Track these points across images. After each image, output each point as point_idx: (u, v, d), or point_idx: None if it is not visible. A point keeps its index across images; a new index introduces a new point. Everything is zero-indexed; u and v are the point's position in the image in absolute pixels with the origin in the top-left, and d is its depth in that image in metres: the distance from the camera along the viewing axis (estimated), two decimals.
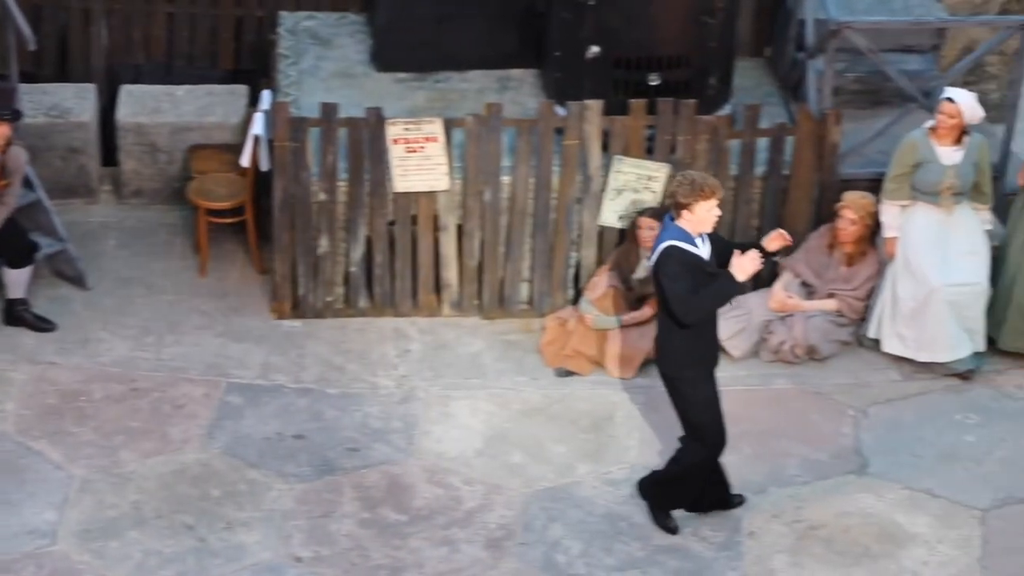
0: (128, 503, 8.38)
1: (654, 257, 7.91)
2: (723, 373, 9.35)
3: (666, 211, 9.45)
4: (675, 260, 7.78)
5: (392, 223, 9.63)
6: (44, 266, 9.84)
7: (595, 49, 9.64)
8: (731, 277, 7.76)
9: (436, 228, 9.66)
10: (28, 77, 10.63)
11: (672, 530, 8.31)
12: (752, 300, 9.60)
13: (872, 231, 9.54)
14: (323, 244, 9.63)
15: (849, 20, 9.57)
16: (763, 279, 9.78)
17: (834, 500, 8.58)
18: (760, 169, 9.69)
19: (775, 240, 8.02)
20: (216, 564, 8.09)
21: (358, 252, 9.65)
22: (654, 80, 9.66)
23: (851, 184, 9.65)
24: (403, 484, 8.61)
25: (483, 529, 8.37)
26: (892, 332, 9.41)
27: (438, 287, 9.79)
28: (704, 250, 7.92)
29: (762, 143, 9.63)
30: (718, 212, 7.85)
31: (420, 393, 9.21)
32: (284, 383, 9.23)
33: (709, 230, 7.92)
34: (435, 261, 9.73)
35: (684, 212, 7.82)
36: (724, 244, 8.06)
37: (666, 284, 7.81)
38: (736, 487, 8.62)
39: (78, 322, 9.57)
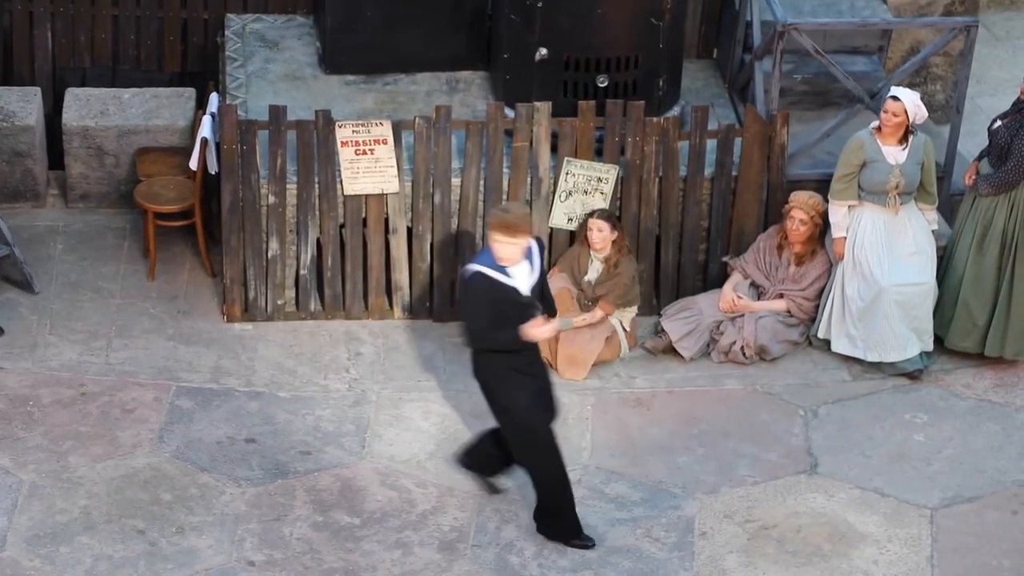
0: (78, 508, 8.32)
1: (537, 263, 8.01)
2: (674, 374, 9.46)
3: (614, 214, 9.54)
4: (473, 287, 7.89)
5: (342, 226, 9.61)
6: None
7: (543, 51, 9.65)
8: (520, 331, 7.87)
9: (386, 231, 9.65)
10: None
11: (588, 543, 8.28)
12: (702, 301, 9.65)
13: (821, 231, 9.61)
14: (273, 247, 9.60)
15: (795, 21, 9.63)
16: (713, 280, 9.84)
17: (785, 500, 8.63)
18: (709, 170, 9.74)
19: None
20: (168, 569, 8.04)
21: (308, 255, 9.63)
22: (603, 82, 9.69)
23: (799, 185, 9.71)
24: (356, 487, 8.59)
25: (436, 531, 8.36)
26: (841, 332, 9.48)
27: (389, 290, 9.77)
28: (520, 279, 7.93)
29: (711, 144, 9.68)
30: (513, 250, 7.81)
31: (372, 396, 9.19)
32: (235, 386, 9.19)
33: (515, 264, 7.89)
34: (386, 264, 9.71)
35: (493, 242, 7.87)
36: (543, 282, 8.11)
37: (462, 308, 8.04)
38: (689, 487, 8.66)
39: (26, 327, 9.50)
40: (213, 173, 9.85)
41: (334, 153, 9.45)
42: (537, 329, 7.94)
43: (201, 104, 10.36)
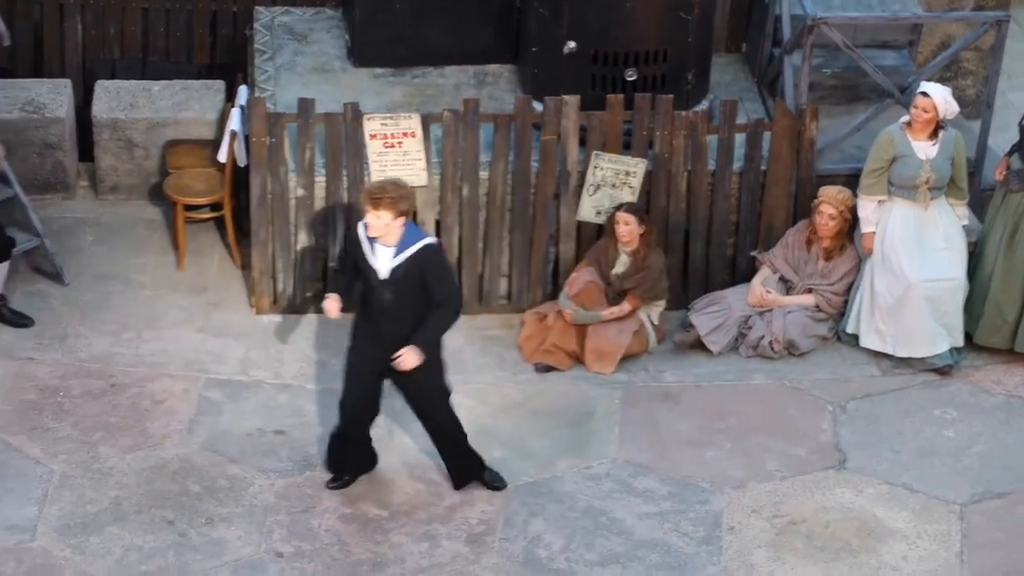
0: (108, 498, 8.35)
1: (412, 252, 7.95)
2: (702, 368, 9.45)
3: (642, 208, 9.53)
4: (347, 241, 8.00)
5: None
6: (21, 262, 9.80)
7: (572, 44, 9.65)
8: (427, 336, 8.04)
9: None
10: (3, 73, 10.59)
11: (500, 483, 8.43)
12: (730, 295, 9.64)
13: (850, 226, 9.59)
14: (302, 239, 9.61)
15: (825, 16, 9.61)
16: (742, 274, 9.83)
17: (814, 495, 8.61)
18: (737, 165, 9.72)
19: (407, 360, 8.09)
20: (197, 559, 8.06)
21: (337, 248, 9.64)
22: (631, 75, 9.68)
23: (828, 179, 9.69)
24: (383, 479, 8.60)
25: (464, 524, 8.37)
26: (870, 327, 9.46)
27: None
28: (381, 258, 7.95)
29: (739, 138, 9.66)
30: (376, 223, 7.85)
31: None
32: (264, 378, 9.21)
33: (382, 239, 7.92)
34: None
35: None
36: (429, 282, 8.03)
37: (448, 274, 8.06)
38: (717, 482, 8.66)
39: (56, 318, 9.53)
40: (242, 165, 9.87)
41: (362, 146, 9.46)
42: (326, 303, 8.10)
43: (230, 97, 10.39)
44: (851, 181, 9.58)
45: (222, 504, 8.38)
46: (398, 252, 7.96)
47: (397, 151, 9.48)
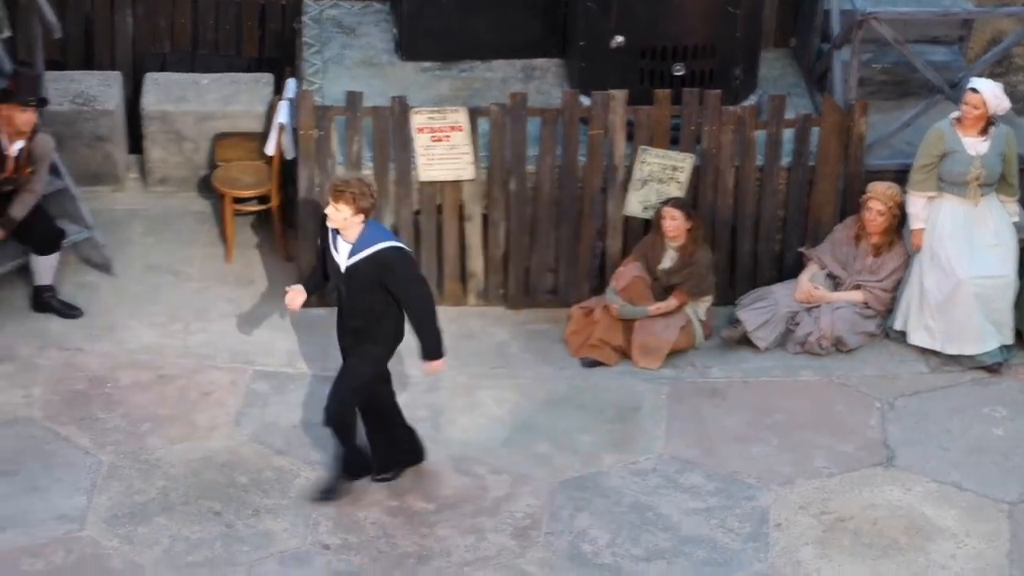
0: (156, 489, 8.40)
1: (369, 253, 7.96)
2: (749, 364, 9.42)
3: (689, 203, 9.51)
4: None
5: (417, 212, 9.63)
6: (71, 253, 9.87)
7: (620, 39, 9.64)
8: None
9: (461, 217, 9.67)
10: (54, 65, 10.64)
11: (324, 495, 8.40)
12: (778, 291, 9.60)
13: (899, 222, 9.54)
14: None
15: (875, 11, 9.56)
16: (789, 270, 9.79)
17: (861, 492, 8.57)
18: (786, 160, 9.68)
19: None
20: (244, 551, 8.10)
21: None
22: (679, 70, 9.66)
23: (877, 175, 9.64)
24: (430, 472, 8.61)
25: (510, 518, 8.37)
26: (919, 324, 9.41)
27: (463, 276, 9.79)
28: (341, 251, 8.01)
29: (788, 134, 9.62)
30: (335, 215, 7.90)
31: (446, 382, 9.21)
32: (311, 371, 9.23)
33: (336, 227, 7.97)
34: (461, 251, 9.73)
35: None
36: (394, 289, 8.04)
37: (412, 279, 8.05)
38: (764, 478, 8.63)
39: (105, 309, 9.59)
40: (290, 158, 9.90)
41: (410, 139, 9.47)
42: (288, 296, 8.17)
43: (278, 90, 10.42)
44: (900, 177, 9.53)
45: (268, 496, 8.41)
46: (355, 251, 8.01)
47: (444, 145, 9.49)
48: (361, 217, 7.95)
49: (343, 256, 8.04)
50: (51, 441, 8.63)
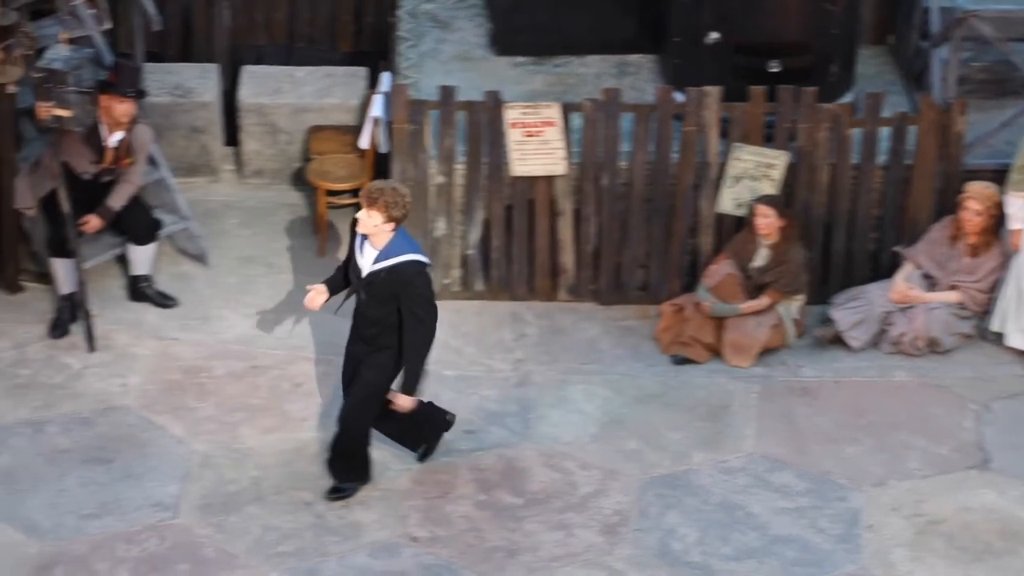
0: (248, 478, 8.48)
1: (393, 263, 7.92)
2: (842, 364, 9.35)
3: (782, 201, 9.45)
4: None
5: (509, 207, 9.65)
6: (167, 243, 9.98)
7: (715, 35, 9.59)
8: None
9: (553, 213, 9.67)
10: (153, 57, 10.77)
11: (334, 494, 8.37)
12: (872, 291, 9.52)
13: (997, 222, 9.42)
14: (440, 227, 9.66)
15: (976, 8, 9.45)
16: (884, 269, 9.70)
17: (955, 495, 8.48)
18: (882, 159, 9.60)
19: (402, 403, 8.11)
20: (334, 541, 8.15)
21: (475, 235, 9.68)
22: (775, 67, 9.60)
23: (976, 175, 9.53)
24: (519, 467, 8.63)
25: (598, 514, 8.37)
26: (1017, 327, 9.28)
27: (554, 272, 9.79)
28: (366, 256, 7.97)
29: (884, 132, 9.53)
30: (366, 221, 7.86)
31: (536, 377, 9.22)
32: None
33: (365, 233, 7.93)
34: (552, 246, 9.73)
35: None
36: (403, 301, 7.97)
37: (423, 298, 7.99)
38: (856, 479, 8.56)
39: (200, 299, 9.69)
40: (383, 152, 9.95)
41: (503, 134, 9.48)
42: (309, 295, 8.15)
43: (373, 83, 10.47)
44: (999, 177, 9.41)
45: (358, 487, 8.45)
46: (379, 258, 7.97)
47: (537, 140, 9.49)
48: (392, 226, 7.91)
49: (367, 262, 8.01)
50: (146, 430, 8.74)
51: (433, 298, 8.07)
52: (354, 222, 8.01)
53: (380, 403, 8.23)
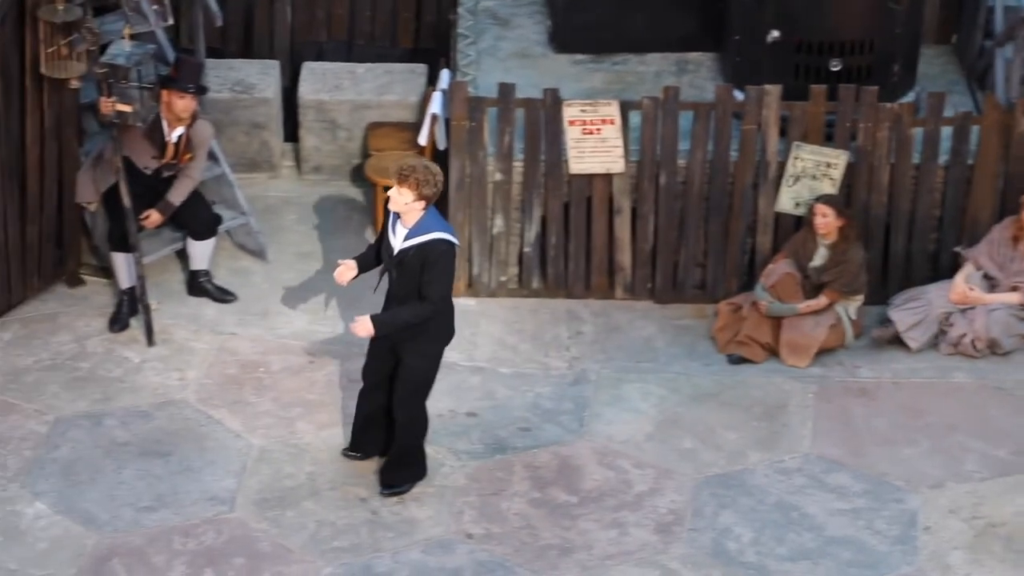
0: (304, 474, 8.52)
1: (422, 241, 7.90)
2: (900, 365, 9.28)
3: (841, 200, 9.39)
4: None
5: (567, 205, 9.64)
6: (226, 239, 10.05)
7: (776, 33, 9.55)
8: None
9: (611, 211, 9.66)
10: (214, 53, 10.84)
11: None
12: (932, 291, 9.45)
13: None
14: (498, 224, 9.67)
15: None
16: (944, 270, 9.63)
17: (1014, 498, 8.40)
18: (943, 158, 9.52)
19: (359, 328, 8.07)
20: (388, 537, 8.18)
21: (533, 233, 9.68)
22: (836, 65, 9.54)
23: None
24: (573, 465, 8.62)
25: (653, 513, 8.35)
26: None
27: (611, 270, 9.78)
28: (397, 235, 7.96)
29: (946, 132, 9.46)
30: (397, 199, 7.85)
31: (592, 375, 9.22)
32: (457, 361, 9.28)
33: (397, 211, 7.91)
34: (609, 244, 9.72)
35: None
36: (423, 275, 7.93)
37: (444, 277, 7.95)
38: (913, 480, 8.50)
39: (258, 294, 9.75)
40: (442, 149, 9.97)
41: (561, 132, 9.48)
42: (338, 269, 8.15)
43: (432, 80, 10.49)
44: None
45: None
46: (409, 235, 7.95)
47: (595, 138, 9.48)
48: (422, 204, 7.90)
49: (398, 240, 8.00)
50: (204, 424, 8.80)
51: (451, 284, 8.03)
52: (386, 200, 8.03)
53: (429, 391, 8.23)
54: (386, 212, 8.10)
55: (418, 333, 8.07)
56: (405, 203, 7.89)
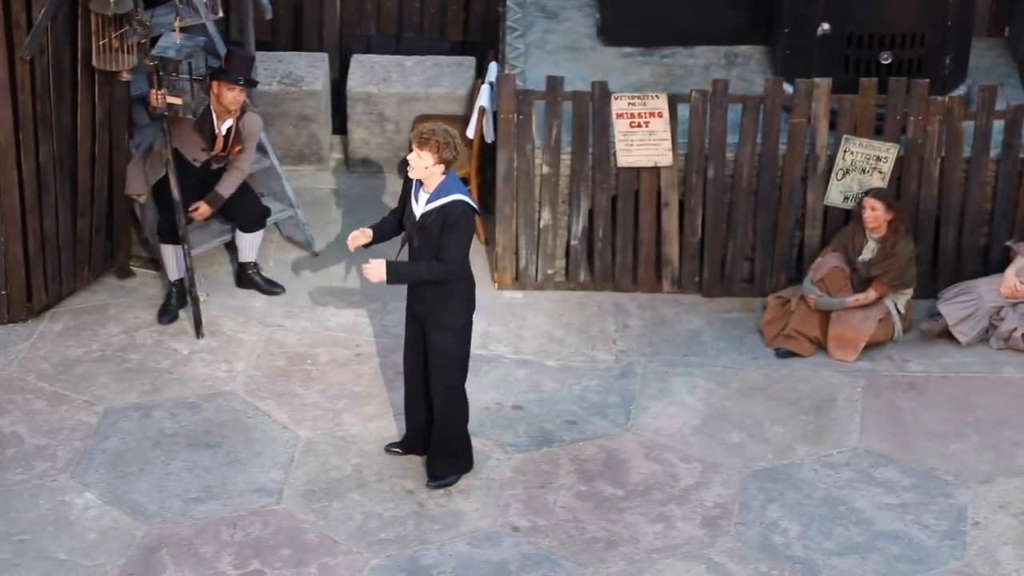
0: (351, 465, 8.54)
1: (442, 203, 7.89)
2: (949, 359, 9.22)
3: (890, 194, 9.33)
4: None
5: (615, 198, 9.62)
6: (274, 231, 10.09)
7: (826, 26, 9.50)
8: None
9: (658, 204, 9.63)
10: (264, 46, 10.89)
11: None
12: (982, 285, 9.38)
13: None
14: (545, 217, 9.67)
15: None
16: (994, 264, 9.55)
17: None
18: (995, 152, 9.44)
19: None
20: (435, 529, 8.20)
21: (580, 226, 9.67)
22: (886, 58, 9.49)
23: None
24: (620, 458, 8.61)
25: (699, 507, 8.33)
26: None
27: (659, 263, 9.75)
28: (420, 200, 7.95)
29: (997, 125, 9.38)
30: (417, 163, 7.85)
31: (638, 368, 9.20)
32: (504, 353, 9.29)
33: (417, 178, 7.91)
34: (656, 237, 9.70)
35: None
36: (442, 237, 7.91)
37: (461, 239, 7.92)
38: (962, 475, 8.44)
39: (306, 287, 9.78)
40: (489, 141, 9.96)
41: (609, 125, 9.46)
42: (352, 234, 8.12)
43: (480, 73, 10.50)
44: None
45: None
46: (431, 199, 7.96)
47: (643, 131, 9.46)
48: (442, 168, 7.91)
49: (420, 206, 8.01)
50: (251, 415, 8.84)
51: (467, 248, 8.00)
52: (405, 165, 8.02)
53: (463, 375, 8.21)
54: (407, 181, 8.10)
55: (438, 306, 8.05)
56: (425, 167, 7.91)
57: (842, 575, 7.94)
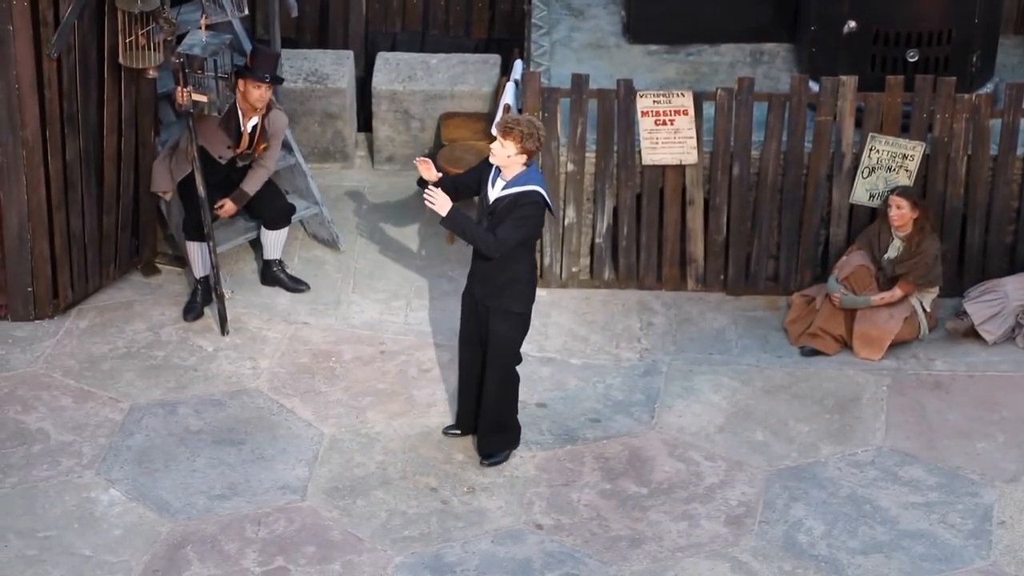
0: (375, 463, 8.56)
1: (517, 191, 7.93)
2: (975, 358, 9.18)
3: (916, 192, 9.30)
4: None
5: (639, 195, 9.61)
6: (299, 228, 10.10)
7: (852, 24, 9.47)
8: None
9: (683, 202, 9.62)
10: (289, 43, 10.91)
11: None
12: (1008, 284, 9.34)
13: None
14: (570, 214, 9.66)
15: None
16: (1021, 262, 9.51)
17: None
18: (1021, 150, 9.41)
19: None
20: (458, 527, 8.20)
21: (604, 224, 9.67)
22: (913, 56, 9.46)
23: None
24: (644, 457, 8.61)
25: (724, 505, 8.32)
26: None
27: (683, 261, 9.74)
28: (495, 187, 8.02)
29: None
30: (499, 151, 7.91)
31: (663, 367, 9.19)
32: (528, 351, 9.25)
33: (498, 164, 7.99)
34: (681, 235, 9.68)
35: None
36: (505, 218, 7.97)
37: (523, 226, 7.96)
38: (988, 474, 8.41)
39: (330, 284, 9.80)
40: None
41: (634, 123, 9.45)
42: (423, 161, 8.17)
43: (505, 71, 10.49)
44: None
45: (484, 474, 8.49)
46: (508, 186, 8.00)
47: (668, 129, 9.45)
48: (524, 158, 7.95)
49: (496, 191, 8.05)
50: (276, 413, 8.86)
51: (523, 236, 8.02)
52: (486, 161, 8.08)
53: (517, 360, 8.30)
54: (486, 166, 8.13)
55: (503, 291, 8.10)
56: (508, 156, 7.96)
57: (867, 574, 7.92)
